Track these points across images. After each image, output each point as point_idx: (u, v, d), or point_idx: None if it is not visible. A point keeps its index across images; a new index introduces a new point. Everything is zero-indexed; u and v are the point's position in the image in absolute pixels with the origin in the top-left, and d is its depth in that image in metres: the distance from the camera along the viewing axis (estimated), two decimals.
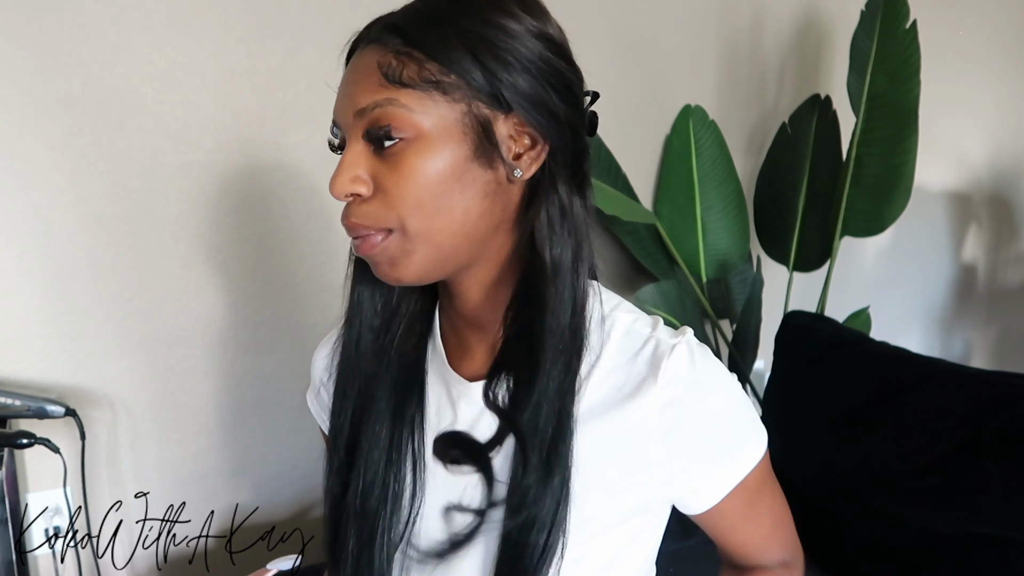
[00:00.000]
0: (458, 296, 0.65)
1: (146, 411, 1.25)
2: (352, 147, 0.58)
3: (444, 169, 0.56)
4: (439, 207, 0.57)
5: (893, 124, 1.51)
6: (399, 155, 0.56)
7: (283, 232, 1.32)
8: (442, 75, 0.56)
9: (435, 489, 0.67)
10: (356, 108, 0.57)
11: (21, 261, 1.13)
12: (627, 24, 1.63)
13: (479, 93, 0.56)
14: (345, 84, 0.59)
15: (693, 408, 0.61)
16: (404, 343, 0.68)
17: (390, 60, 0.56)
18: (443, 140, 0.56)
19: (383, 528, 0.66)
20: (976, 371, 1.16)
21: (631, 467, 0.62)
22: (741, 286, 1.78)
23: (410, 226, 0.57)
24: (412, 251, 0.58)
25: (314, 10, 1.28)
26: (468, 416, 0.65)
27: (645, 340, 0.63)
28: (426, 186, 0.56)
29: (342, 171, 0.57)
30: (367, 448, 0.67)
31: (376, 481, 0.66)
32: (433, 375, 0.69)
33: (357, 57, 0.60)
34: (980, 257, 2.45)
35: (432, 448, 0.66)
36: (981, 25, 2.21)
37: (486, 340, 0.66)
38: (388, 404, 0.67)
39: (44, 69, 1.11)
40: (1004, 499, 1.03)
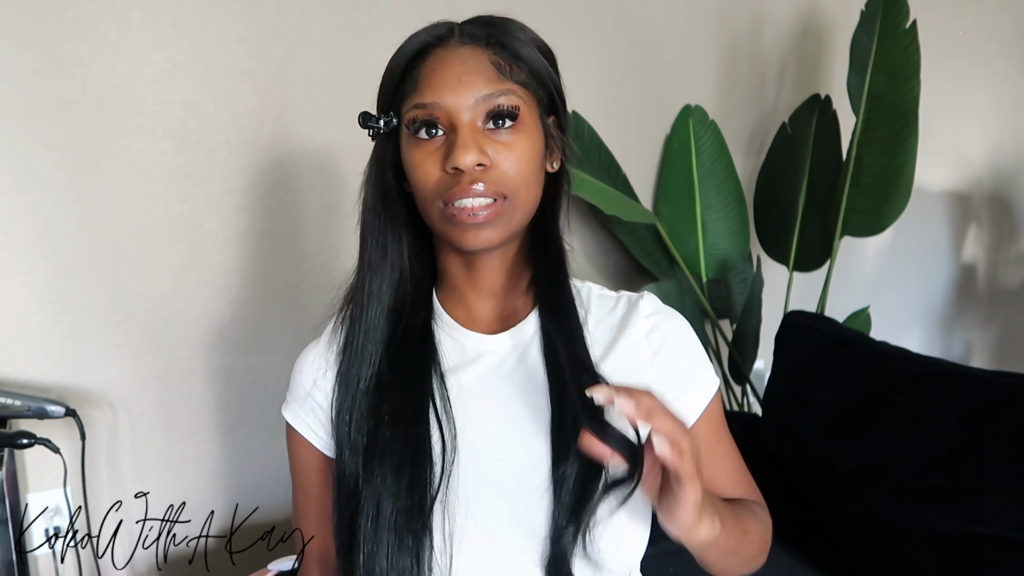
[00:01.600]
0: (482, 267, 0.74)
1: (146, 411, 1.25)
2: (470, 126, 0.66)
3: (535, 153, 0.69)
4: (533, 181, 0.70)
5: (893, 124, 1.51)
6: (515, 136, 0.67)
7: (283, 232, 1.32)
8: (530, 78, 0.69)
9: (467, 443, 0.70)
10: (481, 93, 0.66)
11: (21, 261, 1.13)
12: (627, 24, 1.63)
13: (547, 97, 0.71)
14: (459, 73, 0.67)
15: (670, 332, 0.76)
16: (412, 319, 0.74)
17: (499, 60, 0.67)
18: (536, 128, 0.69)
19: (415, 488, 0.67)
20: (976, 371, 1.16)
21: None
22: (741, 286, 1.78)
23: (519, 194, 0.68)
24: (510, 216, 0.69)
25: (314, 10, 1.28)
26: (491, 365, 0.74)
27: (616, 298, 0.79)
28: (529, 164, 0.68)
29: (469, 145, 0.65)
30: (390, 421, 0.70)
31: (404, 446, 0.69)
32: (445, 341, 0.75)
33: (457, 52, 0.68)
34: (980, 257, 2.45)
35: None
36: (981, 25, 2.21)
37: (496, 308, 0.76)
38: (405, 377, 0.71)
39: (44, 69, 1.11)
40: (1004, 499, 1.03)
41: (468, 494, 0.69)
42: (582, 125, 1.56)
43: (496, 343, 0.74)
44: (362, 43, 1.31)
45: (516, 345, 0.74)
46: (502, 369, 0.73)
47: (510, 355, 0.74)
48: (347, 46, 1.31)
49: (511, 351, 0.74)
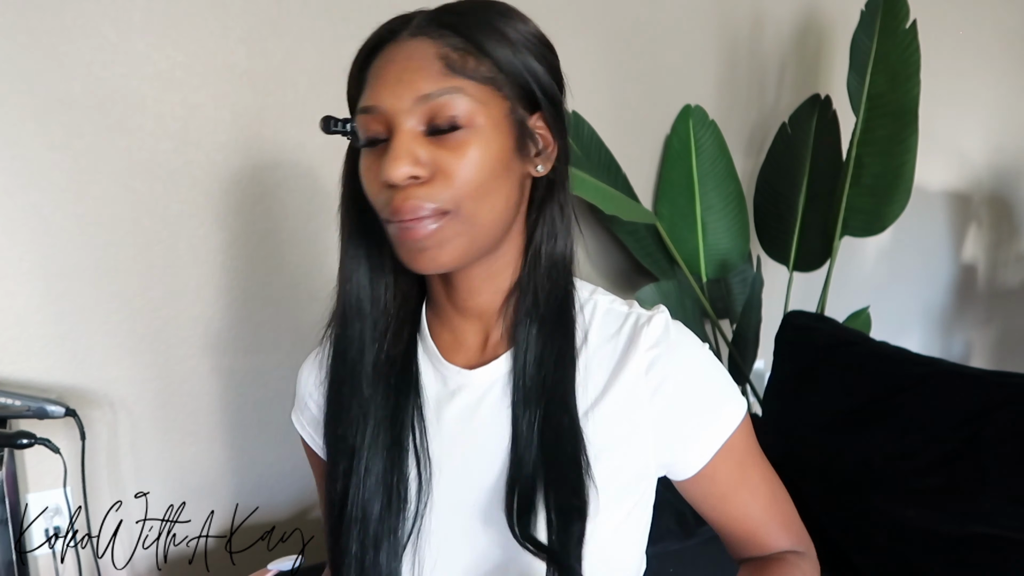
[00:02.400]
0: (460, 287, 0.67)
1: (146, 411, 1.25)
2: (406, 131, 0.58)
3: (496, 158, 0.60)
4: (490, 192, 0.60)
5: (893, 124, 1.51)
6: (461, 141, 0.58)
7: (283, 232, 1.32)
8: (494, 72, 0.60)
9: (443, 483, 0.67)
10: (419, 94, 0.58)
11: (21, 261, 1.13)
12: (627, 24, 1.63)
13: (521, 91, 0.61)
14: (399, 71, 0.59)
15: (674, 367, 0.66)
16: (394, 345, 0.69)
17: (449, 52, 0.59)
18: (496, 130, 0.60)
19: (388, 529, 0.66)
20: (976, 371, 1.16)
21: (627, 433, 0.65)
22: (741, 286, 1.78)
23: (465, 207, 0.59)
24: (461, 233, 0.60)
25: (314, 10, 1.28)
26: (469, 402, 0.68)
27: (625, 316, 0.69)
28: (482, 172, 0.59)
29: (400, 154, 0.57)
30: (367, 452, 0.67)
31: (378, 484, 0.67)
32: (427, 370, 0.70)
33: (404, 47, 0.60)
34: (980, 257, 2.45)
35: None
36: (981, 25, 2.21)
37: (481, 331, 0.69)
38: (385, 405, 0.68)
39: (44, 69, 1.11)
40: (1004, 499, 1.03)
41: (440, 540, 0.67)
42: (582, 125, 1.56)
43: (475, 378, 0.67)
44: (362, 43, 1.31)
45: (495, 382, 0.67)
46: (481, 407, 0.67)
47: (489, 392, 0.67)
48: (347, 46, 1.30)
49: (490, 388, 0.67)
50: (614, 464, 0.65)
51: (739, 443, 0.68)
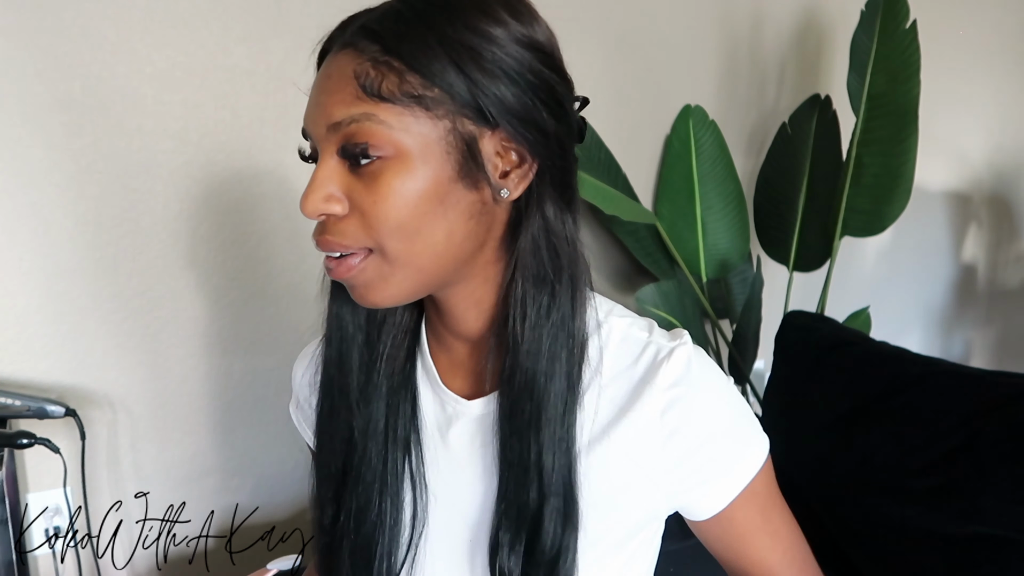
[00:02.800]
0: (447, 311, 0.62)
1: (146, 411, 1.25)
2: (325, 162, 0.53)
3: (426, 190, 0.52)
4: (420, 230, 0.53)
5: (893, 124, 1.51)
6: (378, 174, 0.52)
7: (284, 232, 1.32)
8: (424, 89, 0.51)
9: (438, 511, 0.65)
10: (330, 121, 0.52)
11: (21, 261, 1.13)
12: (627, 24, 1.63)
13: (464, 108, 0.52)
14: (318, 92, 0.54)
15: (694, 409, 0.60)
16: (392, 360, 0.65)
17: (368, 70, 0.51)
18: (425, 159, 0.52)
19: (381, 554, 0.63)
20: (976, 371, 1.16)
21: (636, 478, 0.61)
22: (741, 286, 1.78)
23: (389, 248, 0.53)
24: (391, 274, 0.55)
25: (314, 10, 1.28)
26: (467, 431, 0.64)
27: (644, 345, 0.62)
28: (406, 208, 0.52)
29: (314, 189, 0.53)
30: (361, 472, 0.64)
31: (371, 507, 0.63)
32: (426, 393, 0.66)
33: (330, 62, 0.55)
34: (980, 257, 2.45)
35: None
36: (981, 25, 2.21)
37: (477, 354, 0.64)
38: (380, 425, 0.64)
39: (44, 69, 1.11)
40: (1004, 499, 1.03)
41: (434, 570, 0.65)
42: None
43: (473, 408, 0.63)
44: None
45: (487, 416, 0.63)
46: (477, 438, 0.63)
47: (484, 422, 0.63)
48: None
49: (484, 418, 0.63)
50: (615, 508, 0.62)
51: (760, 487, 0.64)
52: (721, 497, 0.63)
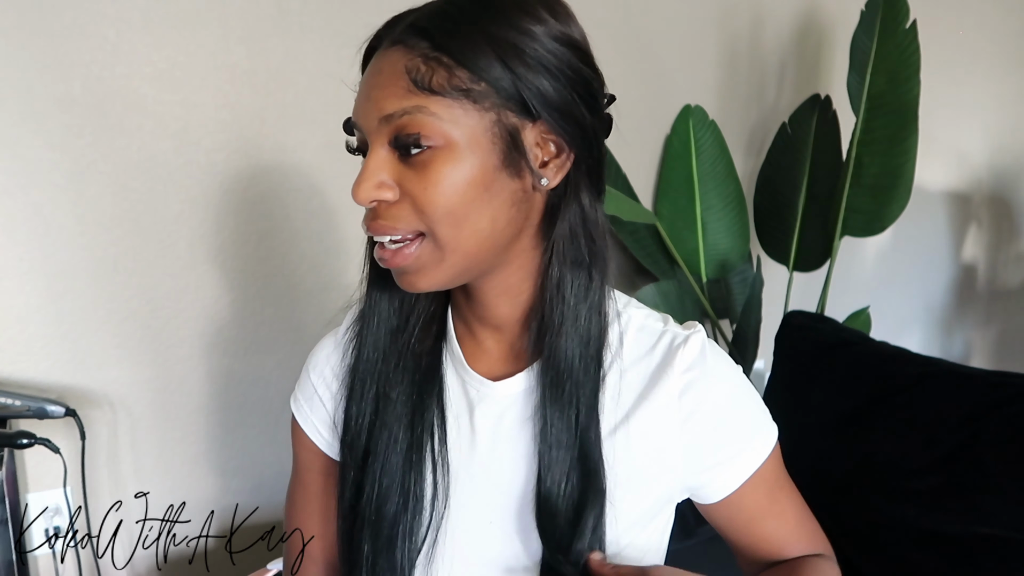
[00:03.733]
0: (478, 299, 0.65)
1: (146, 411, 1.25)
2: (376, 152, 0.56)
3: (473, 178, 0.56)
4: (468, 215, 0.56)
5: (893, 124, 1.52)
6: (428, 163, 0.55)
7: (284, 232, 1.31)
8: (472, 83, 0.54)
9: (460, 493, 0.66)
10: (383, 114, 0.55)
11: (21, 261, 1.13)
12: (627, 24, 1.63)
13: (508, 101, 0.55)
14: (369, 87, 0.57)
15: (709, 393, 0.64)
16: (421, 343, 0.68)
17: (418, 65, 0.54)
18: (472, 149, 0.55)
19: (403, 533, 0.65)
20: (976, 371, 1.16)
21: (655, 457, 0.64)
22: (741, 286, 1.78)
23: (440, 233, 0.56)
24: (442, 259, 0.58)
25: (314, 10, 1.28)
26: (491, 414, 0.66)
27: (660, 334, 0.66)
28: (455, 195, 0.55)
29: (366, 177, 0.56)
30: (384, 452, 0.65)
31: (393, 486, 0.65)
32: (451, 376, 0.68)
33: (381, 58, 0.57)
34: (980, 257, 2.45)
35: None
36: (981, 25, 2.21)
37: (504, 341, 0.67)
38: (406, 406, 0.66)
39: (44, 69, 1.11)
40: (1004, 499, 1.03)
41: (454, 549, 0.66)
42: None
43: (498, 390, 0.66)
44: (362, 43, 1.31)
45: (516, 397, 0.65)
46: (503, 420, 0.66)
47: (512, 405, 0.65)
48: (347, 46, 1.30)
49: (512, 402, 0.65)
50: (638, 487, 0.64)
51: (769, 471, 0.67)
52: (731, 481, 0.66)
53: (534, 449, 0.63)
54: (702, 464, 0.65)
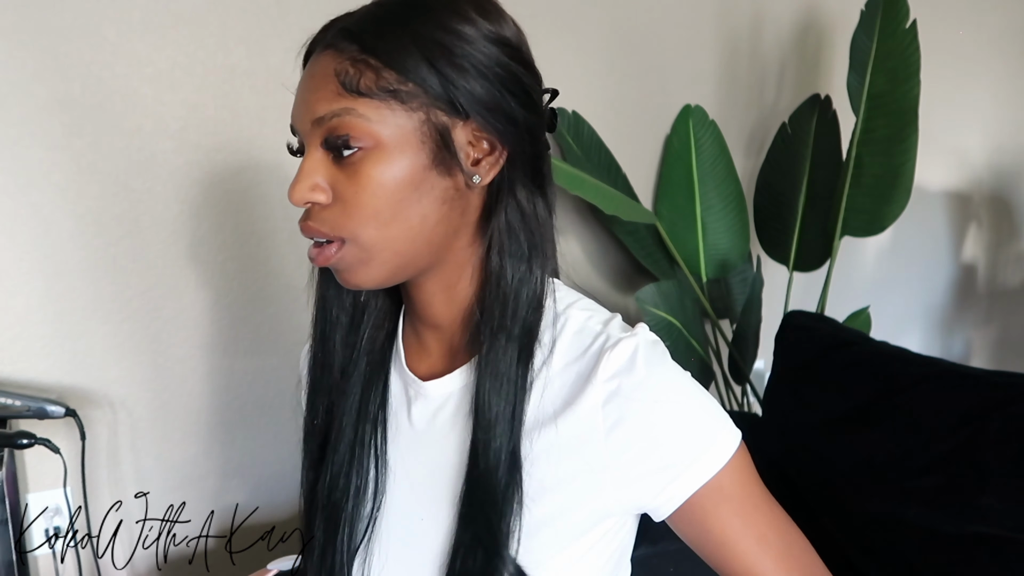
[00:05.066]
0: (417, 298, 0.66)
1: (146, 411, 1.25)
2: (311, 154, 0.58)
3: (402, 178, 0.57)
4: (396, 215, 0.57)
5: (893, 124, 1.51)
6: (357, 164, 0.56)
7: (284, 232, 1.32)
8: (399, 84, 0.55)
9: (396, 488, 0.68)
10: (314, 116, 0.57)
11: (21, 261, 1.13)
12: (627, 24, 1.63)
13: (437, 101, 0.56)
14: (302, 90, 0.59)
15: (636, 401, 0.58)
16: (372, 341, 0.70)
17: (347, 68, 0.56)
18: (401, 149, 0.56)
19: (345, 521, 0.67)
20: (976, 371, 1.16)
21: (581, 471, 0.60)
22: (741, 286, 1.78)
23: (364, 236, 0.57)
24: (369, 259, 0.59)
25: (314, 10, 1.27)
26: (424, 412, 0.67)
27: (595, 336, 0.61)
28: (383, 195, 0.56)
29: (301, 179, 0.58)
30: (335, 443, 0.68)
31: (340, 475, 0.68)
32: (395, 374, 0.70)
33: (314, 62, 0.59)
34: (980, 257, 2.45)
35: None
36: (981, 25, 2.21)
37: (443, 341, 0.67)
38: (355, 402, 0.68)
39: (44, 69, 1.11)
40: (1004, 499, 1.03)
41: (389, 543, 0.67)
42: (582, 125, 1.56)
43: (431, 389, 0.66)
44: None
45: (451, 395, 0.65)
46: (436, 418, 0.66)
47: (445, 404, 0.65)
48: None
49: (446, 400, 0.65)
50: (559, 501, 0.61)
51: (732, 487, 0.60)
52: (674, 494, 0.59)
53: (466, 446, 0.62)
54: (633, 474, 0.59)
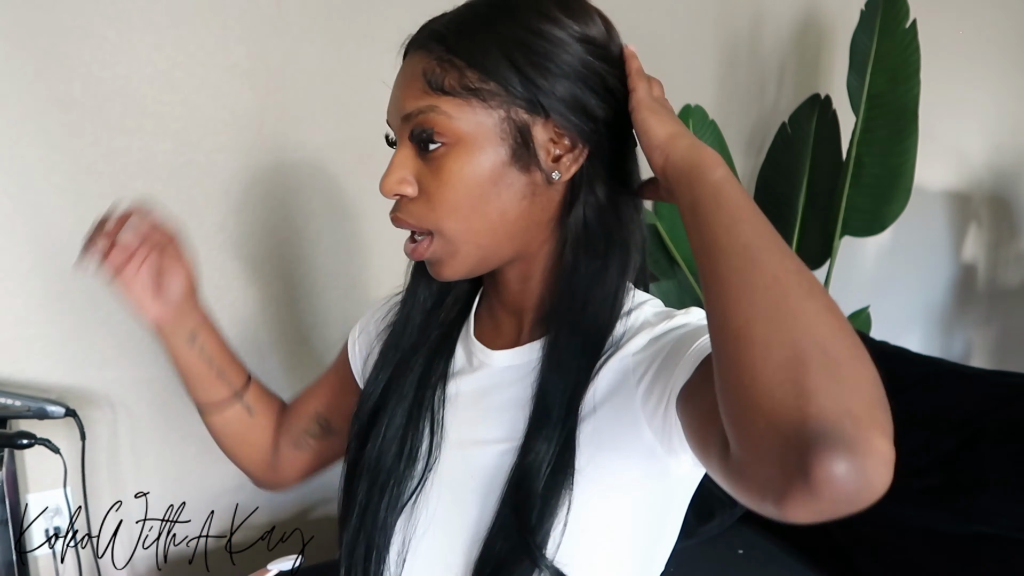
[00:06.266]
0: (501, 284, 0.70)
1: (146, 411, 1.25)
2: (401, 148, 0.62)
3: (481, 173, 0.60)
4: (475, 209, 0.61)
5: (893, 124, 1.52)
6: (440, 159, 0.60)
7: (283, 232, 1.31)
8: (481, 83, 0.58)
9: (448, 452, 0.69)
10: (403, 113, 0.61)
11: (21, 261, 1.13)
12: (626, 24, 1.62)
13: (517, 99, 0.59)
14: (396, 88, 0.63)
15: (655, 332, 0.60)
16: (445, 321, 0.74)
17: (434, 67, 0.59)
18: (481, 146, 0.59)
19: (395, 482, 0.69)
20: (976, 371, 1.16)
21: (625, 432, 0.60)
22: None
23: (447, 228, 0.61)
24: (455, 251, 0.63)
25: (314, 10, 1.28)
26: (485, 382, 0.69)
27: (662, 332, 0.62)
28: (463, 189, 0.60)
29: (391, 172, 0.62)
30: (392, 408, 0.71)
31: (395, 438, 0.70)
32: (460, 346, 0.74)
33: (407, 62, 0.63)
34: (980, 257, 2.45)
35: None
36: (981, 25, 2.21)
37: (517, 325, 0.70)
38: (419, 370, 0.72)
39: (44, 69, 1.11)
40: (1004, 498, 1.03)
41: (436, 506, 0.68)
42: None
43: (496, 359, 0.69)
44: (362, 43, 1.31)
45: (513, 369, 0.68)
46: (496, 389, 0.69)
47: (508, 378, 0.68)
48: (347, 46, 1.31)
49: (510, 374, 0.68)
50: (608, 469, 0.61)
51: None
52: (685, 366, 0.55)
53: (521, 424, 0.63)
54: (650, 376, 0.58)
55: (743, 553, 1.27)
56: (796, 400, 0.39)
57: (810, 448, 0.38)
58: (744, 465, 0.42)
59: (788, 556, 1.27)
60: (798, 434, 0.38)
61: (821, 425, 0.38)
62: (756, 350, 0.42)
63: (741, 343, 0.43)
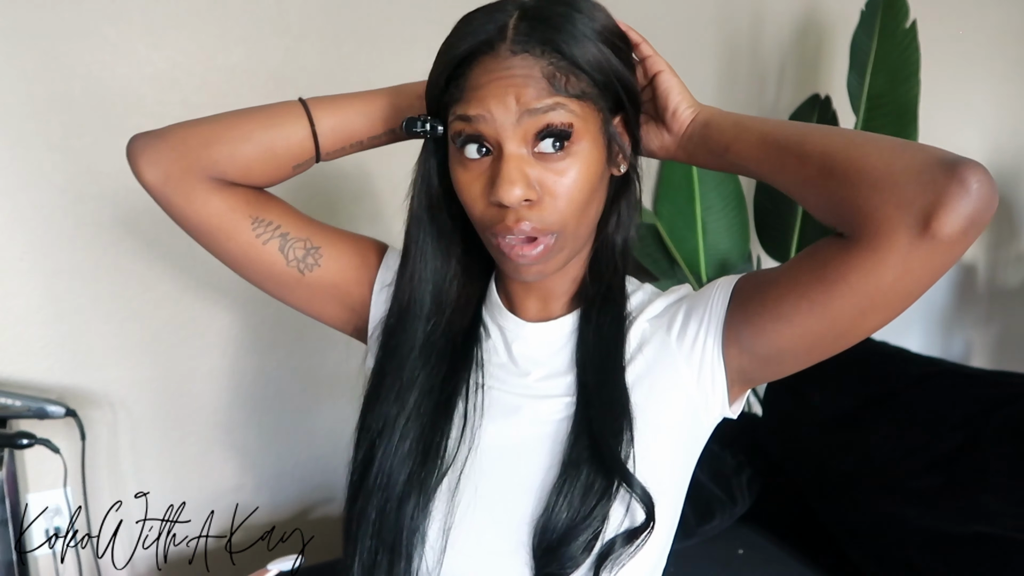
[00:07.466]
0: None
1: (146, 411, 1.25)
2: (514, 152, 0.60)
3: (594, 172, 0.62)
4: (588, 206, 0.63)
5: (893, 124, 1.51)
6: (566, 161, 0.60)
7: None
8: (590, 87, 0.61)
9: (490, 424, 0.69)
10: (527, 107, 0.58)
11: (21, 261, 1.13)
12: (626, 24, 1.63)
13: (608, 100, 0.62)
14: (505, 84, 0.59)
15: (668, 300, 0.72)
16: (457, 322, 0.73)
17: (552, 71, 0.59)
18: (594, 146, 0.62)
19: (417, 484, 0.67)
20: (976, 371, 1.16)
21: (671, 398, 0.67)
22: None
23: (569, 226, 0.62)
24: (563, 248, 0.64)
25: (314, 10, 1.28)
26: (528, 350, 0.71)
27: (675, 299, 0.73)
28: (586, 189, 0.62)
29: (516, 177, 0.59)
30: (404, 420, 0.69)
31: (413, 447, 0.68)
32: (490, 322, 0.74)
33: (508, 62, 0.59)
34: (980, 257, 2.45)
35: None
36: (981, 25, 2.21)
37: (541, 299, 0.72)
38: (435, 377, 0.70)
39: (44, 69, 1.11)
40: (1004, 498, 1.03)
41: (479, 479, 0.67)
42: None
43: (530, 331, 0.71)
44: (362, 43, 1.31)
45: (553, 338, 0.71)
46: (538, 357, 0.71)
47: (544, 346, 0.71)
48: (347, 46, 1.31)
49: (546, 343, 0.71)
50: (653, 411, 0.67)
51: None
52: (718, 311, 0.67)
53: (572, 383, 0.68)
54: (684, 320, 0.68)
55: (743, 553, 1.27)
56: (921, 151, 0.55)
57: (955, 165, 0.53)
58: (881, 220, 0.55)
59: (788, 556, 1.27)
60: (940, 163, 0.54)
61: (951, 154, 0.55)
62: (869, 146, 0.57)
63: (853, 150, 0.57)
